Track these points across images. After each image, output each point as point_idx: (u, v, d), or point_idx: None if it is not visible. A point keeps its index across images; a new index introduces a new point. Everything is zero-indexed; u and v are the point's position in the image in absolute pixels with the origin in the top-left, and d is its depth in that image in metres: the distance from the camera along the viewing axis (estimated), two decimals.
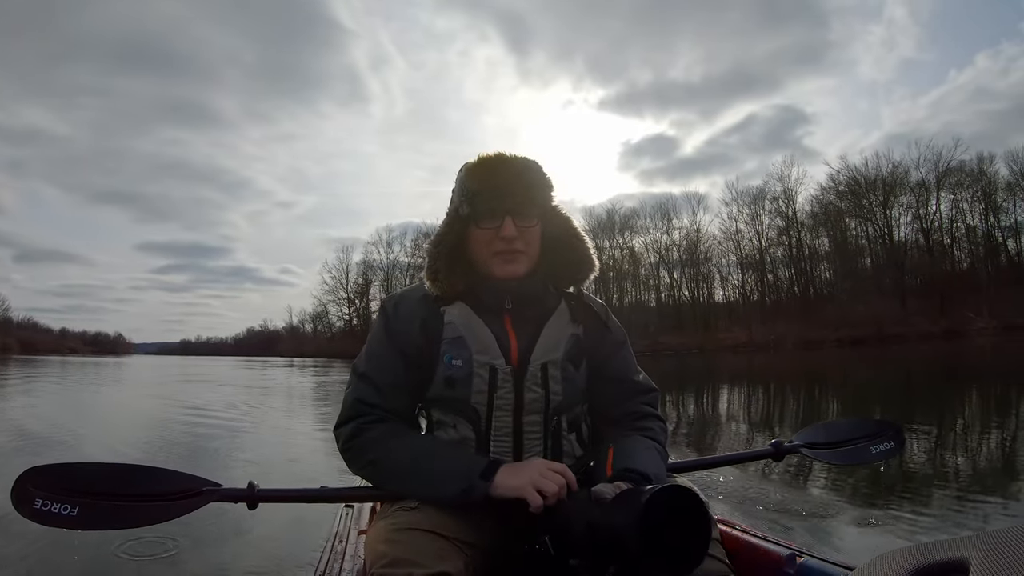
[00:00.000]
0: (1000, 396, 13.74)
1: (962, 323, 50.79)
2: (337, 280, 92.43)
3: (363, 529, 2.11)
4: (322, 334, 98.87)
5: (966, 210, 63.17)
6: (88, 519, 1.57)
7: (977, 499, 4.93)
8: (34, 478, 1.58)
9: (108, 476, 1.65)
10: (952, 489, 5.26)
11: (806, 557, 1.62)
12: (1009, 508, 4.70)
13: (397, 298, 1.86)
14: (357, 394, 1.75)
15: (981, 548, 0.69)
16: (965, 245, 63.88)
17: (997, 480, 5.61)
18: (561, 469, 1.56)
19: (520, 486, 1.50)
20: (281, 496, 1.82)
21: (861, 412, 12.77)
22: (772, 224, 70.48)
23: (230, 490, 1.72)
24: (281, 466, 7.32)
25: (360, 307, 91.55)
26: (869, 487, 5.26)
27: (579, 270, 1.84)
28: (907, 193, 64.28)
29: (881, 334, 50.84)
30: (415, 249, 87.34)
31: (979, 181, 62.19)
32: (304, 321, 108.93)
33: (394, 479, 1.67)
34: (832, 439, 2.13)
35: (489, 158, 1.70)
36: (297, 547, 3.82)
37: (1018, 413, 10.57)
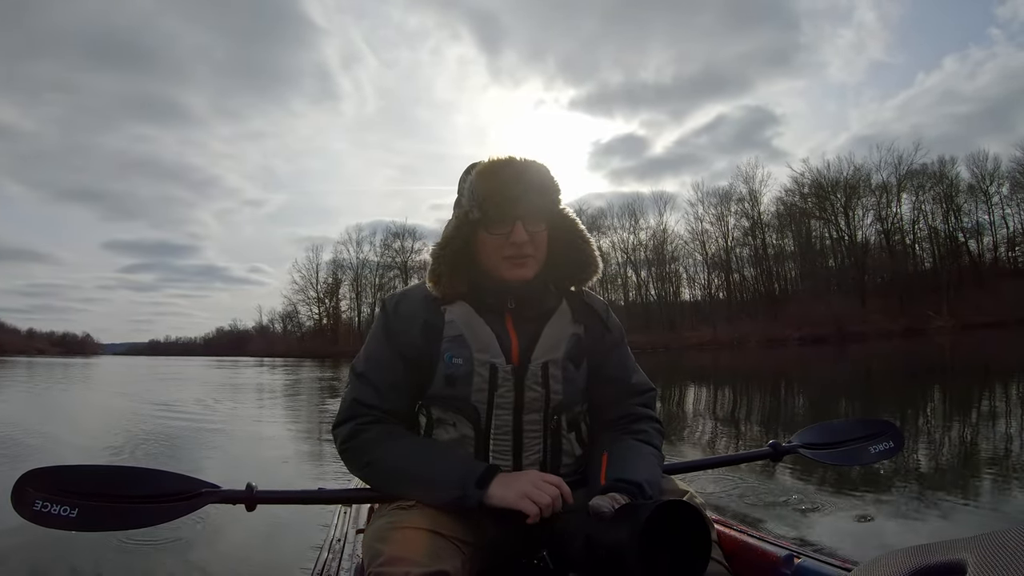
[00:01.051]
0: (956, 391, 13.96)
1: (921, 322, 51.57)
2: (307, 280, 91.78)
3: (361, 528, 2.10)
4: (292, 334, 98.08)
5: (928, 212, 64.28)
6: (88, 521, 1.57)
7: (942, 497, 4.97)
8: (33, 480, 1.57)
9: (107, 478, 1.65)
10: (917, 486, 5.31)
11: (804, 558, 1.62)
12: (978, 502, 4.76)
13: (398, 297, 1.84)
14: (355, 394, 1.75)
15: (978, 549, 0.70)
16: (927, 246, 64.95)
17: (957, 477, 5.69)
18: (556, 481, 1.56)
19: (515, 497, 1.51)
20: (279, 498, 1.82)
21: (814, 405, 13.00)
22: (738, 224, 71.40)
23: (228, 491, 1.71)
24: (270, 464, 7.34)
25: (330, 306, 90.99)
26: (868, 487, 5.25)
27: (584, 271, 1.85)
28: (869, 195, 65.35)
29: (841, 332, 51.44)
30: (384, 249, 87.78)
31: (941, 183, 63.37)
32: (274, 321, 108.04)
33: (391, 482, 1.68)
34: (830, 439, 2.13)
35: (500, 162, 1.68)
36: (296, 546, 3.79)
37: (971, 407, 10.76)
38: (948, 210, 63.55)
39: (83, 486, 1.60)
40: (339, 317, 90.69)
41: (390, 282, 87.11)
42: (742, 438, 8.49)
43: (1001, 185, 62.43)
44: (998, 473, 5.63)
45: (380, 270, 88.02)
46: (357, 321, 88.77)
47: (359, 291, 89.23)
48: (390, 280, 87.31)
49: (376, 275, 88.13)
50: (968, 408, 10.74)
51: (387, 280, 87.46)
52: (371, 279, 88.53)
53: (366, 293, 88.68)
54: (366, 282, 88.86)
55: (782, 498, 4.87)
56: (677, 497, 1.59)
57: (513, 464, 1.71)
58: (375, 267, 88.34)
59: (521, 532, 1.56)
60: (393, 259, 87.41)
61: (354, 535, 2.07)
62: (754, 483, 5.32)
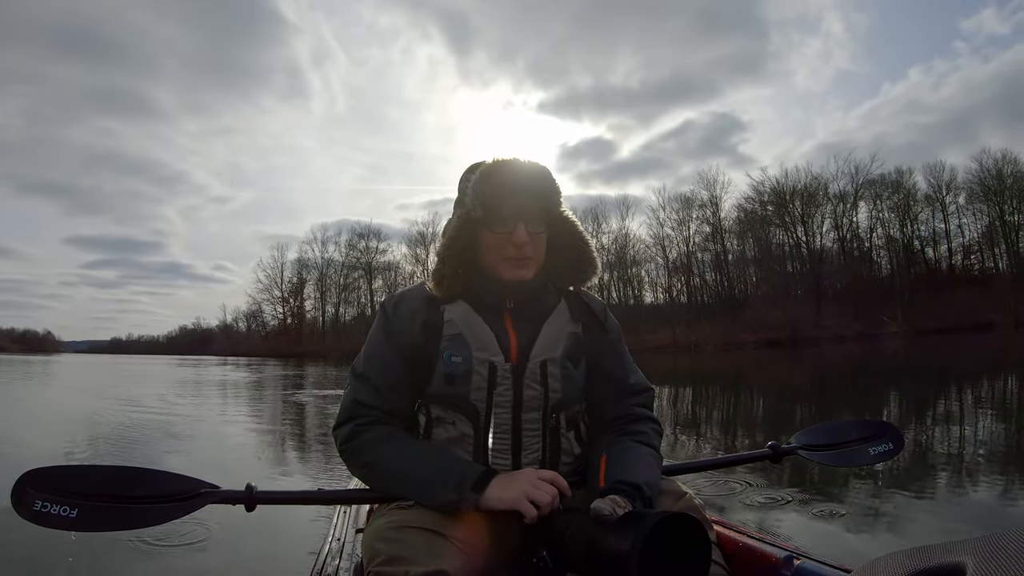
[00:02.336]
0: (879, 393, 14.36)
1: (876, 327, 52.35)
2: (272, 279, 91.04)
3: (361, 528, 2.09)
4: (256, 333, 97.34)
5: (886, 220, 65.64)
6: (87, 521, 1.56)
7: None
8: (33, 480, 1.56)
9: (106, 478, 1.64)
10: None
11: (803, 559, 1.61)
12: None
13: (397, 298, 1.83)
14: (355, 395, 1.74)
15: (978, 551, 0.71)
16: (884, 253, 66.20)
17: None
18: (552, 477, 1.56)
19: (512, 499, 1.51)
20: (279, 498, 1.82)
21: (748, 404, 13.18)
22: (699, 230, 71.97)
23: (228, 492, 1.70)
24: (248, 461, 7.39)
25: (294, 306, 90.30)
26: (868, 487, 5.30)
27: (583, 272, 1.86)
28: (827, 203, 66.31)
29: (795, 337, 52.17)
30: (349, 249, 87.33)
31: (898, 193, 64.81)
32: (238, 320, 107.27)
33: (388, 483, 1.67)
34: (830, 441, 2.12)
35: (505, 163, 1.69)
36: (296, 546, 3.76)
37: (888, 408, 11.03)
38: (904, 219, 65.00)
39: (83, 486, 1.59)
40: (303, 317, 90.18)
41: (354, 282, 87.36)
42: (704, 439, 8.56)
43: (957, 195, 64.14)
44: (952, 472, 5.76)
45: (345, 270, 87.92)
46: (321, 321, 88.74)
47: (324, 291, 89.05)
48: (355, 280, 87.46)
49: (341, 275, 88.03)
50: (887, 409, 10.98)
51: (351, 280, 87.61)
52: (336, 279, 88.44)
53: (330, 293, 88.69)
54: (330, 282, 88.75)
55: (781, 499, 4.88)
56: (677, 497, 1.61)
57: (512, 463, 1.70)
58: (340, 267, 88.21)
59: (521, 532, 1.56)
60: (358, 259, 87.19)
61: (354, 535, 2.07)
62: (753, 484, 5.32)
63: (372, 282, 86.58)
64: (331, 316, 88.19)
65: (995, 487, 5.33)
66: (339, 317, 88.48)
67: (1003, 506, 4.78)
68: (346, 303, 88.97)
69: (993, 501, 4.91)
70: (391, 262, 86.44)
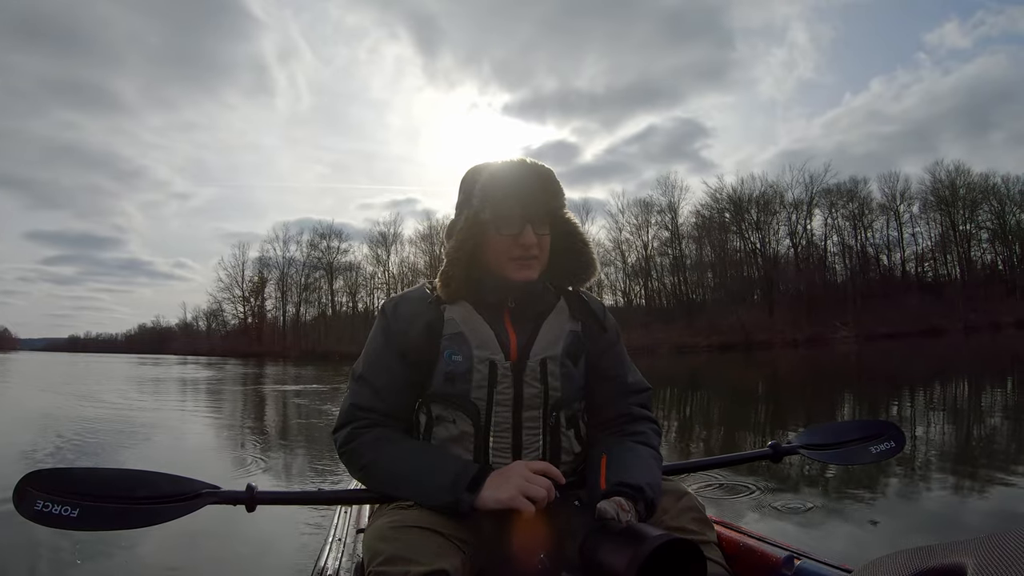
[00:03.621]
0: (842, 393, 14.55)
1: (827, 331, 53.13)
2: (233, 278, 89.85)
3: (362, 528, 2.04)
4: (216, 332, 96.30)
5: (841, 227, 66.84)
6: (88, 520, 1.56)
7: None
8: (34, 481, 1.57)
9: (107, 480, 1.64)
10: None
11: (804, 559, 1.61)
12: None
13: (397, 300, 1.83)
14: (354, 399, 1.74)
15: (978, 552, 0.71)
16: (839, 260, 67.28)
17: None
18: (544, 469, 1.57)
19: (509, 498, 1.50)
20: (280, 498, 1.82)
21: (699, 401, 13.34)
22: (657, 235, 72.59)
23: (228, 492, 1.69)
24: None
25: (255, 305, 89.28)
26: (867, 488, 5.34)
27: (582, 272, 1.87)
28: (783, 211, 67.36)
29: (748, 340, 52.80)
30: (311, 248, 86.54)
31: (853, 201, 66.13)
32: (198, 318, 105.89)
33: (387, 485, 1.67)
34: (830, 440, 2.12)
35: (513, 164, 1.71)
36: (296, 547, 3.81)
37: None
38: (858, 227, 66.37)
39: (83, 487, 1.59)
40: (264, 316, 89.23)
41: (316, 282, 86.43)
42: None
43: (911, 204, 65.72)
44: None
45: (306, 270, 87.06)
46: (282, 320, 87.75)
47: (284, 290, 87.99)
48: (316, 280, 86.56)
49: (302, 275, 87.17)
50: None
51: (313, 280, 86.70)
52: (297, 279, 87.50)
53: (291, 293, 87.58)
54: (291, 281, 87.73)
55: (781, 499, 4.90)
56: (677, 497, 1.62)
57: (512, 461, 1.68)
58: (301, 266, 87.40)
59: (521, 531, 1.55)
60: (319, 259, 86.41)
61: (354, 535, 2.04)
62: (753, 484, 5.32)
63: (333, 282, 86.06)
64: (292, 316, 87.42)
65: (946, 487, 5.45)
66: (299, 317, 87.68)
67: (956, 508, 4.87)
68: (307, 303, 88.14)
69: (945, 501, 5.03)
70: (352, 262, 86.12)
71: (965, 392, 14.36)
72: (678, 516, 1.54)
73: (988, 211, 64.45)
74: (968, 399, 12.83)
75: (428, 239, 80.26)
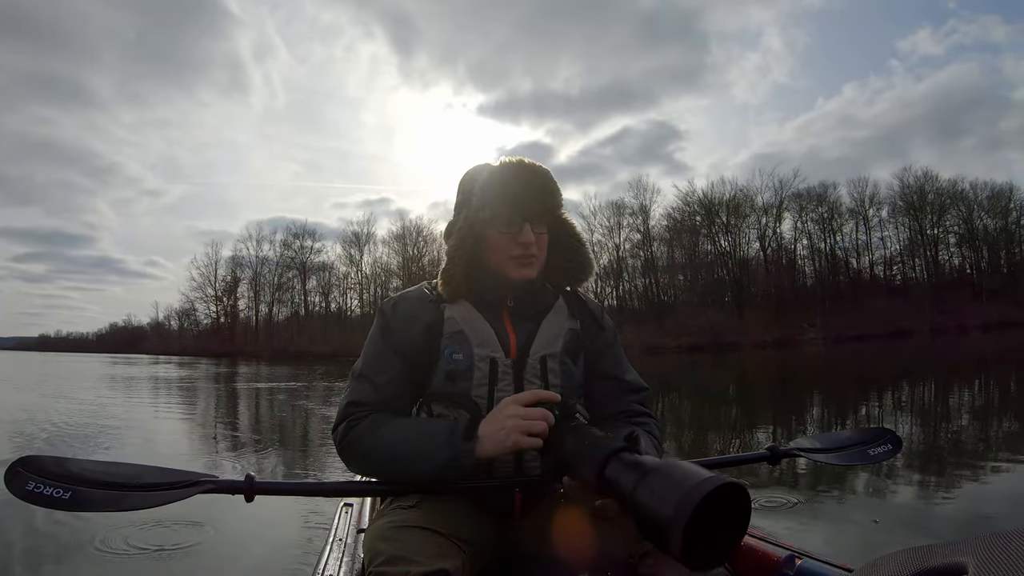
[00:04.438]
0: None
1: (795, 333, 53.73)
2: (205, 277, 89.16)
3: (363, 528, 2.06)
4: (188, 331, 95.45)
5: (811, 231, 67.90)
6: (80, 502, 1.54)
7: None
8: (28, 463, 1.56)
9: (103, 470, 1.63)
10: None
11: (805, 559, 1.60)
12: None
13: (396, 299, 1.83)
14: (353, 396, 1.72)
15: (979, 551, 0.70)
16: (808, 263, 68.09)
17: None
18: (533, 398, 1.55)
19: (513, 444, 1.51)
20: (279, 489, 1.81)
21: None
22: (629, 237, 73.19)
23: (227, 481, 1.67)
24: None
25: (228, 305, 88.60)
26: (867, 488, 5.42)
27: (580, 271, 1.89)
28: (752, 214, 68.27)
29: (717, 342, 53.31)
30: (284, 248, 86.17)
31: (822, 205, 67.19)
32: (170, 318, 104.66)
33: (389, 465, 1.64)
34: (828, 445, 2.13)
35: (513, 165, 1.73)
36: (296, 547, 3.79)
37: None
38: (826, 230, 67.33)
39: (79, 475, 1.59)
40: (237, 316, 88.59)
41: (288, 282, 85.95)
42: None
43: (880, 209, 67.02)
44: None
45: (279, 269, 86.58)
46: (255, 320, 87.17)
47: (257, 290, 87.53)
48: (289, 280, 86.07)
49: (275, 274, 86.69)
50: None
51: (286, 280, 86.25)
52: (270, 278, 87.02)
53: (264, 292, 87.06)
54: (264, 281, 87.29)
55: (781, 499, 4.99)
56: None
57: (514, 459, 1.68)
58: (274, 266, 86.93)
59: (521, 530, 1.59)
60: (292, 259, 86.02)
61: (355, 535, 2.04)
62: (754, 485, 5.39)
63: (306, 282, 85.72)
64: (264, 315, 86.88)
65: (913, 484, 5.60)
66: (272, 317, 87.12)
67: (926, 505, 4.99)
68: (279, 303, 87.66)
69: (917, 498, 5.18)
70: (325, 262, 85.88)
71: (930, 392, 14.68)
72: None
73: (956, 216, 65.93)
74: (933, 399, 13.08)
75: (401, 239, 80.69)
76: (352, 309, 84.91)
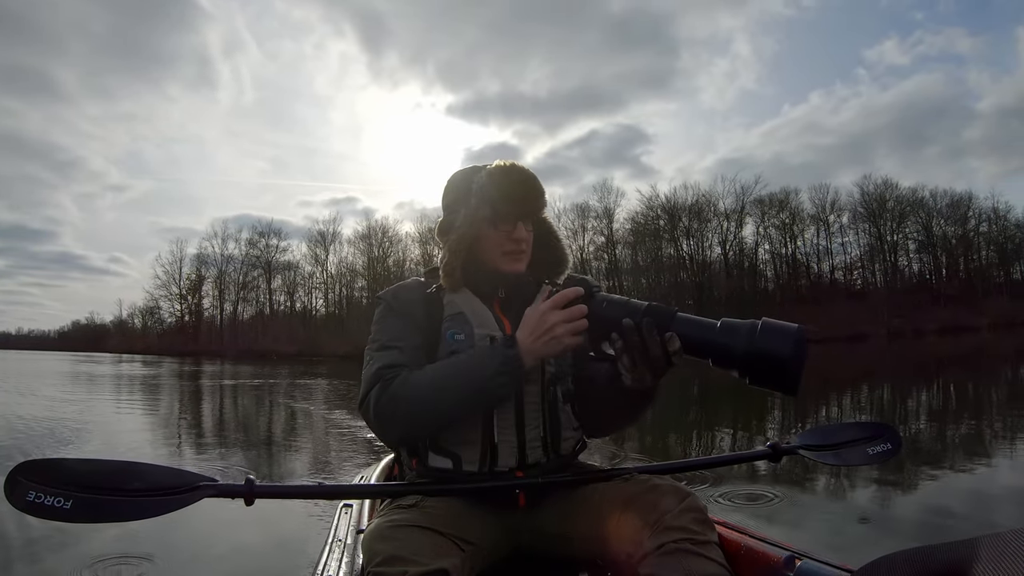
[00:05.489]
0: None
1: None
2: (170, 275, 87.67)
3: (362, 528, 2.03)
4: (152, 330, 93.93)
5: (773, 236, 68.86)
6: (81, 512, 1.52)
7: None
8: (27, 471, 1.53)
9: (102, 471, 1.60)
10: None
11: (805, 559, 1.60)
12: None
13: (394, 289, 1.90)
14: (381, 362, 1.72)
15: (983, 550, 0.71)
16: (769, 267, 68.97)
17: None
18: (563, 299, 1.60)
19: (563, 347, 1.59)
20: (279, 492, 1.82)
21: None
22: (593, 240, 73.65)
23: (227, 485, 1.66)
24: None
25: (192, 303, 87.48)
26: (867, 487, 5.43)
27: (558, 265, 1.98)
28: (715, 219, 69.00)
29: None
30: (249, 247, 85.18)
31: (784, 211, 68.10)
32: (134, 316, 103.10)
33: (437, 396, 1.63)
34: (829, 441, 2.14)
35: (510, 167, 1.82)
36: (296, 548, 3.74)
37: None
38: (787, 236, 68.39)
39: (78, 479, 1.56)
40: (201, 315, 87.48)
41: (254, 281, 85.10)
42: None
43: (841, 215, 68.17)
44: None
45: (244, 268, 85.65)
46: (219, 319, 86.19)
47: (222, 288, 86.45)
48: (254, 279, 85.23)
49: (240, 273, 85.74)
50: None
51: (251, 279, 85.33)
52: (235, 277, 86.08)
53: (229, 291, 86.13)
54: (229, 280, 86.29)
55: (781, 498, 4.95)
56: (680, 498, 1.59)
57: (516, 437, 1.72)
58: (239, 264, 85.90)
59: (522, 528, 1.63)
60: (258, 257, 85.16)
61: (355, 535, 2.01)
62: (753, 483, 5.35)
63: (271, 281, 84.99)
64: (229, 314, 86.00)
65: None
66: (237, 316, 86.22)
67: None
68: (244, 302, 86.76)
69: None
70: (291, 261, 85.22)
71: (877, 393, 14.96)
72: (679, 516, 1.53)
73: (916, 223, 67.40)
74: (878, 398, 13.35)
75: (367, 239, 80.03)
76: (317, 309, 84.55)
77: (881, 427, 2.20)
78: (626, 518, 1.58)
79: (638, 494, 1.63)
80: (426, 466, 1.75)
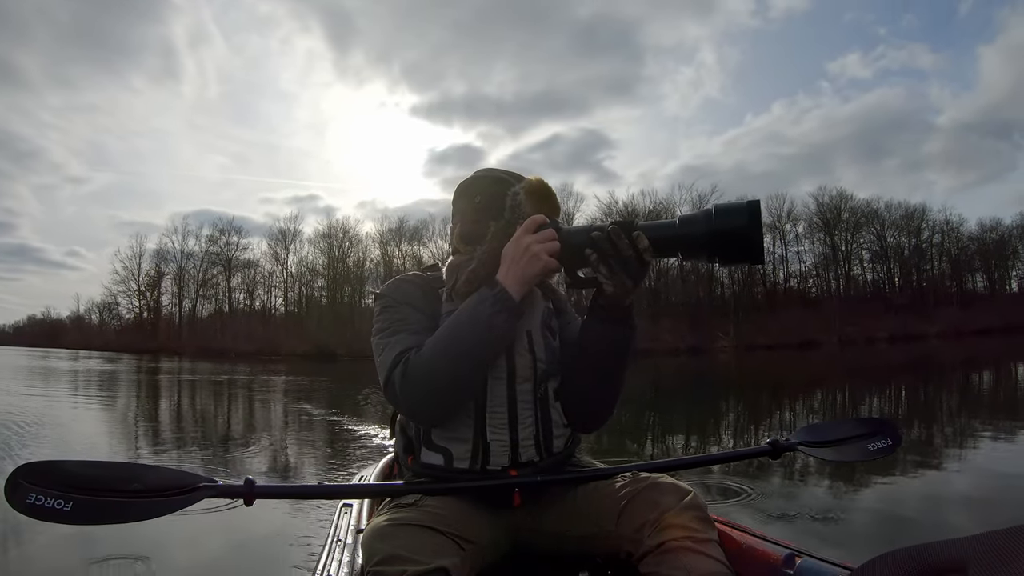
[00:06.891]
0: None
1: (708, 341, 55.34)
2: (129, 271, 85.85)
3: (362, 528, 2.00)
4: (110, 326, 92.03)
5: None
6: (82, 514, 1.51)
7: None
8: (27, 474, 1.52)
9: (102, 473, 1.59)
10: None
11: (805, 557, 1.59)
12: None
13: (395, 282, 1.91)
14: (398, 347, 1.73)
15: (979, 548, 0.71)
16: (725, 274, 69.67)
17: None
18: (534, 224, 1.67)
19: (542, 265, 1.63)
20: (279, 492, 1.80)
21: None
22: None
23: (227, 486, 1.64)
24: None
25: (151, 300, 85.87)
26: (867, 486, 5.48)
27: None
28: None
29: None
30: (210, 243, 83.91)
31: None
32: (91, 311, 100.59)
33: (453, 349, 1.65)
34: (829, 437, 2.13)
35: (540, 187, 1.85)
36: (296, 548, 3.68)
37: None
38: None
39: (78, 481, 1.55)
40: (160, 311, 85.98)
41: (213, 278, 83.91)
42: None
43: (796, 224, 69.42)
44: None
45: (204, 265, 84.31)
46: (178, 316, 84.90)
47: (181, 285, 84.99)
48: (214, 276, 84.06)
49: (200, 270, 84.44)
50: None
51: (211, 276, 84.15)
52: (194, 273, 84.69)
53: (188, 288, 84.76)
54: (189, 276, 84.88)
55: (781, 497, 5.02)
56: (680, 496, 1.60)
57: (509, 435, 1.72)
58: (199, 261, 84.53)
59: (523, 526, 1.65)
60: (218, 255, 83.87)
61: (355, 535, 1.99)
62: (754, 481, 5.40)
63: (231, 279, 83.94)
64: (188, 312, 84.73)
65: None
66: (196, 313, 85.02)
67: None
68: (203, 299, 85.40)
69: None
70: (251, 259, 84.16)
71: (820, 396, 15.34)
72: (680, 514, 1.54)
73: (870, 233, 68.90)
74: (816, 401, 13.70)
75: (328, 238, 79.53)
76: (277, 308, 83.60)
77: (880, 423, 2.19)
78: (626, 516, 1.59)
79: (638, 492, 1.63)
80: (420, 463, 1.75)
